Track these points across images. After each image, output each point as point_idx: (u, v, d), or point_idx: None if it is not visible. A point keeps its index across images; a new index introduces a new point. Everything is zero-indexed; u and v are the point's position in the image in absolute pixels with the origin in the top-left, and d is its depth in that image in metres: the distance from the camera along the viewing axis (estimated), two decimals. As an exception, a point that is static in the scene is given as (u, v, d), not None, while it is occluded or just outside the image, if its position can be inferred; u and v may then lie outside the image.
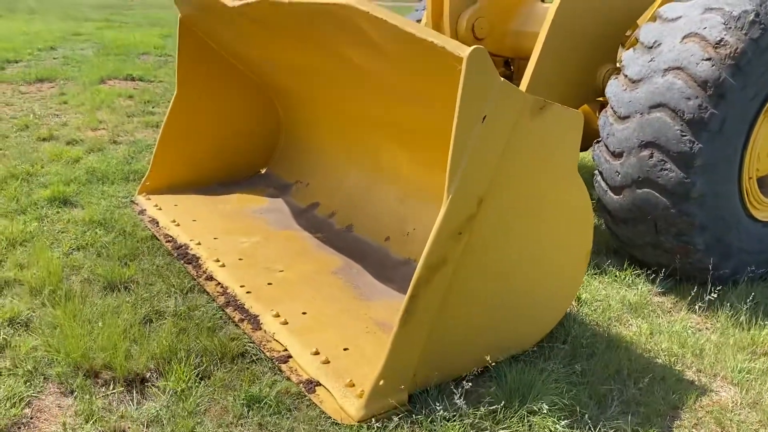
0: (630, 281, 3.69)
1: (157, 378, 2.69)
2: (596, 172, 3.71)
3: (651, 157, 3.35)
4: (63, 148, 6.02)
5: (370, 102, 3.65)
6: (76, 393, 2.59)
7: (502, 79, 2.35)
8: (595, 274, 3.78)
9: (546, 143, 2.58)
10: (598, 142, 3.68)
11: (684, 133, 3.24)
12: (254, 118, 5.05)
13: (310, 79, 4.07)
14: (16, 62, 11.36)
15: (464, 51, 2.24)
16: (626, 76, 3.52)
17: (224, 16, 3.79)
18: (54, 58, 11.93)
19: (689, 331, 3.20)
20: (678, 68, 3.29)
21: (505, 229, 2.60)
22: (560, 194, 2.71)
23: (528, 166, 2.57)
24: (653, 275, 3.66)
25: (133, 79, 10.21)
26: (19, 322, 3.07)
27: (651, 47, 3.46)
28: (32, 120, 7.15)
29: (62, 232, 4.12)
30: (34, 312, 3.15)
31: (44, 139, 6.36)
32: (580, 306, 3.39)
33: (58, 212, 4.44)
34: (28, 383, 2.65)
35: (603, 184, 3.67)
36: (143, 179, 4.77)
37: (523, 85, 3.72)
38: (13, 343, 2.90)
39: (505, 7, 4.03)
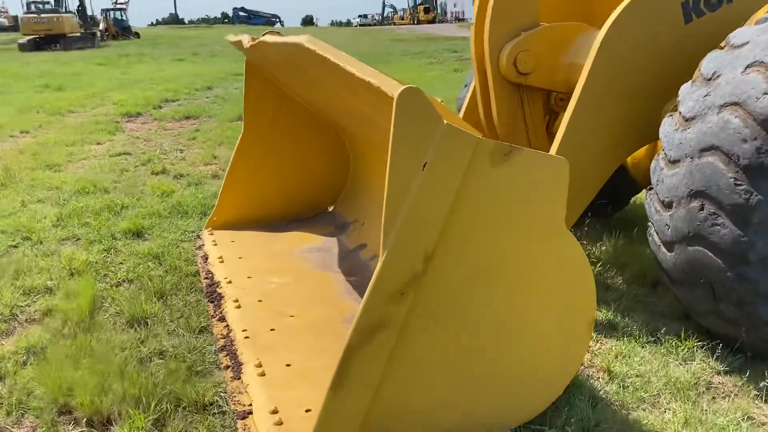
0: (688, 354, 3.10)
1: (119, 421, 2.66)
2: (649, 223, 3.20)
3: (701, 209, 2.81)
4: (166, 182, 6.43)
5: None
6: (42, 429, 2.64)
7: (447, 122, 2.06)
8: (648, 342, 3.23)
9: (518, 194, 2.24)
10: (650, 189, 3.18)
11: (739, 182, 2.68)
12: (323, 155, 5.01)
13: (346, 116, 3.97)
14: (174, 101, 12.52)
15: (396, 90, 2.01)
16: (680, 113, 3.01)
17: (259, 58, 3.81)
18: (206, 97, 12.99)
19: (739, 425, 2.60)
20: (735, 104, 2.74)
21: (468, 291, 2.27)
22: (543, 253, 2.33)
23: (494, 220, 2.23)
24: (720, 349, 3.06)
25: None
26: (34, 352, 3.23)
27: (710, 79, 2.93)
28: (157, 155, 7.75)
29: (120, 264, 4.33)
30: (53, 343, 3.30)
31: (156, 173, 6.84)
32: (609, 381, 2.90)
33: (127, 244, 4.69)
34: (9, 414, 2.75)
35: (656, 238, 3.15)
36: (210, 214, 4.91)
37: (563, 123, 3.32)
38: (17, 371, 3.04)
39: (556, 39, 3.63)
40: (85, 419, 2.67)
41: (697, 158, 2.83)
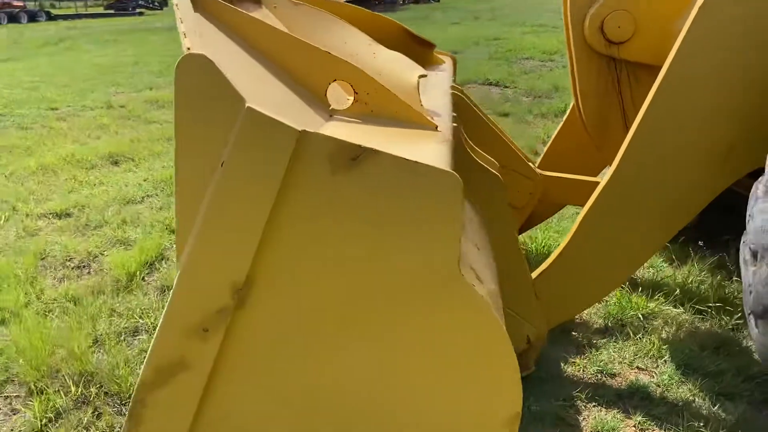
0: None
1: (45, 393, 2.57)
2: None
3: (786, 272, 1.72)
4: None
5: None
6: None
7: (256, 108, 1.45)
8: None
9: (377, 217, 1.53)
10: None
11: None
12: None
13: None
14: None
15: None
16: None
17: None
18: (444, 62, 12.69)
19: None
20: None
21: (312, 335, 1.65)
22: (423, 306, 1.59)
23: (341, 248, 1.57)
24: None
25: (489, 84, 10.16)
26: (63, 304, 3.32)
27: None
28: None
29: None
30: (79, 299, 3.35)
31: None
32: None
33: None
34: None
35: (747, 298, 2.06)
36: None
37: (639, 115, 2.29)
38: (27, 325, 3.13)
39: (667, -5, 2.52)
40: (28, 384, 2.65)
41: (791, 188, 1.73)
